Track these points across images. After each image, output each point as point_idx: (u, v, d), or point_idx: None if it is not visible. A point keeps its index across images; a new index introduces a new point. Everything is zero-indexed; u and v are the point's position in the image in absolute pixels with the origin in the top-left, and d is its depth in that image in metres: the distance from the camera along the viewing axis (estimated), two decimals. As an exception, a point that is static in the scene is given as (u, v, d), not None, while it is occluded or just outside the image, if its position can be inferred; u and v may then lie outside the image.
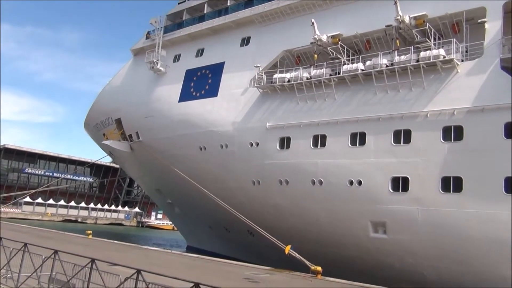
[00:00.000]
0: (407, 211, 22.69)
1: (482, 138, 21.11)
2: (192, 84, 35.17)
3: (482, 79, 21.88)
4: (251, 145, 29.61)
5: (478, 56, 22.61)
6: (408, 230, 22.70)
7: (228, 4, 35.74)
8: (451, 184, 21.57)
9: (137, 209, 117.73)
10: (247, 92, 31.24)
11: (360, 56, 26.71)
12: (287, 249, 22.57)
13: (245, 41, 33.49)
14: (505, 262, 19.84)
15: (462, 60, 23.07)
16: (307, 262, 21.03)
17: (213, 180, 31.47)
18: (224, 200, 28.90)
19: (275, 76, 29.55)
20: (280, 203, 27.94)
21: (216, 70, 33.84)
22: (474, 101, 21.70)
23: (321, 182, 25.85)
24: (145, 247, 31.53)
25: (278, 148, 28.26)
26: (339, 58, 27.27)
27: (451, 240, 21.39)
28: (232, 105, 31.60)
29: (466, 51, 23.37)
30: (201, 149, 32.71)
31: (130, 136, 39.65)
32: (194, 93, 34.60)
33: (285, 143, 28.08)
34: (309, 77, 27.85)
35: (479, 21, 22.96)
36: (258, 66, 30.55)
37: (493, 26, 22.45)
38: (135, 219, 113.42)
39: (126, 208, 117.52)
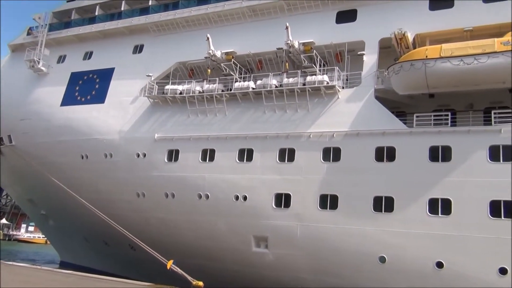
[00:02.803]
0: (287, 226, 23.66)
1: (356, 160, 22.96)
2: (77, 88, 33.16)
3: (359, 106, 23.91)
4: (138, 156, 28.65)
5: (356, 85, 24.70)
6: (288, 245, 23.61)
7: (122, 9, 34.59)
8: (328, 201, 23.04)
9: (4, 221, 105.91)
10: (137, 101, 30.32)
11: (252, 75, 27.64)
12: (169, 264, 21.99)
13: (138, 49, 32.62)
14: (366, 274, 21.56)
15: (343, 87, 25.01)
16: (189, 277, 20.73)
17: (94, 191, 29.70)
18: (105, 213, 27.35)
19: (167, 87, 29.11)
20: (165, 216, 27.29)
21: (105, 75, 32.33)
22: (351, 126, 23.61)
23: (207, 196, 25.89)
24: (10, 263, 28.55)
25: (166, 160, 27.74)
26: (231, 75, 27.91)
27: (327, 255, 22.69)
28: (120, 113, 30.37)
29: (347, 79, 25.40)
30: (82, 157, 30.77)
31: (1, 139, 35.90)
32: (79, 98, 32.64)
33: (173, 155, 27.69)
34: (201, 91, 27.94)
35: (358, 53, 25.15)
36: (150, 76, 29.92)
37: (370, 59, 24.76)
38: (1, 231, 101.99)
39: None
